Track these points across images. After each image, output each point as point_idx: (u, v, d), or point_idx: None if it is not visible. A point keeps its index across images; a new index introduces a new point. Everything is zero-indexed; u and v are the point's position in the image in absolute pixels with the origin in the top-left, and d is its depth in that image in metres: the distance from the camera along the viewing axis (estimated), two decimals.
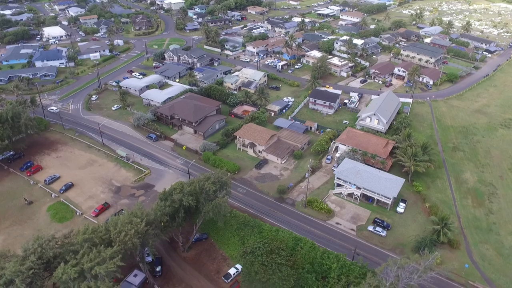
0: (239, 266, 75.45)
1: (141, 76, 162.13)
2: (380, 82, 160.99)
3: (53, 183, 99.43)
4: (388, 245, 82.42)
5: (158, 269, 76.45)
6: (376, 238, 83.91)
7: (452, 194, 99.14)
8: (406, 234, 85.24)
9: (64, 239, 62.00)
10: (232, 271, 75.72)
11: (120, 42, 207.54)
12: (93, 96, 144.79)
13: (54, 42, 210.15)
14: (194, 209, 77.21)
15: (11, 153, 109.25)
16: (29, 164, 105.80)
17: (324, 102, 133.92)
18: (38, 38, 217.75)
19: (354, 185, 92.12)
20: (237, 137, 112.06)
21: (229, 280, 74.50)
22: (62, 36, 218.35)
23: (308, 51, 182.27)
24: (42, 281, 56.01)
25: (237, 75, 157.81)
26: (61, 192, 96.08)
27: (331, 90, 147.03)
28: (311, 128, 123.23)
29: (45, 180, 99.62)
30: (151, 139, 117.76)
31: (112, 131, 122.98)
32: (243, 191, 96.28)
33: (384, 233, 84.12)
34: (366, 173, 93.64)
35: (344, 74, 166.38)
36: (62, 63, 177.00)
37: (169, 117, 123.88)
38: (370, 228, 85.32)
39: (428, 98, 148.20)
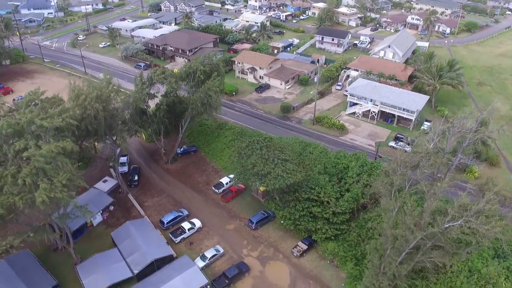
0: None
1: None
2: (392, 30, 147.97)
3: None
4: (415, 161, 68.99)
5: (135, 178, 63.47)
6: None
7: None
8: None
9: (9, 112, 49.01)
10: (224, 180, 62.49)
11: None
12: (80, 36, 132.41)
13: None
14: (179, 108, 64.09)
15: None
16: None
17: (332, 39, 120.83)
18: None
19: (371, 101, 78.97)
20: (236, 62, 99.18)
21: (221, 190, 61.32)
22: None
23: (313, 3, 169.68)
24: None
25: (237, 20, 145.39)
26: None
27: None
28: (318, 60, 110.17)
29: (13, 100, 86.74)
30: (139, 68, 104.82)
31: (98, 62, 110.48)
32: (241, 110, 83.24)
33: (408, 149, 70.74)
34: (384, 88, 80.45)
35: (353, 24, 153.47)
36: (51, 13, 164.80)
37: (160, 48, 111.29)
38: (392, 143, 71.99)
39: (446, 42, 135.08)
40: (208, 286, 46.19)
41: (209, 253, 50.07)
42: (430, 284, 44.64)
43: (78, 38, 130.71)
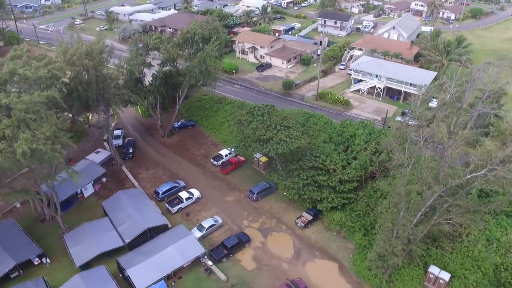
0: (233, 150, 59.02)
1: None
2: (395, 17, 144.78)
3: None
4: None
5: (129, 151, 60.27)
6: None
7: None
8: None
9: None
10: (224, 152, 59.26)
11: None
12: (77, 20, 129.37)
13: None
14: (176, 79, 60.86)
15: None
16: None
17: (335, 23, 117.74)
18: None
19: (376, 76, 75.75)
20: (236, 42, 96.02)
21: (220, 162, 58.07)
22: None
23: None
24: None
25: (237, 6, 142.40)
26: None
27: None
28: (320, 42, 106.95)
29: None
30: None
31: None
32: (242, 86, 79.97)
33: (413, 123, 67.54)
34: (390, 64, 77.32)
35: (356, 10, 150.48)
36: (48, 0, 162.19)
37: (159, 29, 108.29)
38: (399, 118, 68.76)
39: (451, 26, 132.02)
40: (206, 256, 42.97)
41: (206, 223, 46.77)
42: (445, 254, 41.44)
43: (75, 22, 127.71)
